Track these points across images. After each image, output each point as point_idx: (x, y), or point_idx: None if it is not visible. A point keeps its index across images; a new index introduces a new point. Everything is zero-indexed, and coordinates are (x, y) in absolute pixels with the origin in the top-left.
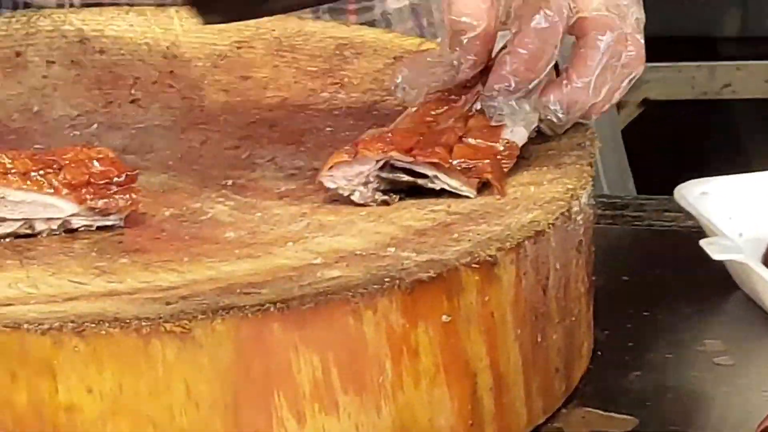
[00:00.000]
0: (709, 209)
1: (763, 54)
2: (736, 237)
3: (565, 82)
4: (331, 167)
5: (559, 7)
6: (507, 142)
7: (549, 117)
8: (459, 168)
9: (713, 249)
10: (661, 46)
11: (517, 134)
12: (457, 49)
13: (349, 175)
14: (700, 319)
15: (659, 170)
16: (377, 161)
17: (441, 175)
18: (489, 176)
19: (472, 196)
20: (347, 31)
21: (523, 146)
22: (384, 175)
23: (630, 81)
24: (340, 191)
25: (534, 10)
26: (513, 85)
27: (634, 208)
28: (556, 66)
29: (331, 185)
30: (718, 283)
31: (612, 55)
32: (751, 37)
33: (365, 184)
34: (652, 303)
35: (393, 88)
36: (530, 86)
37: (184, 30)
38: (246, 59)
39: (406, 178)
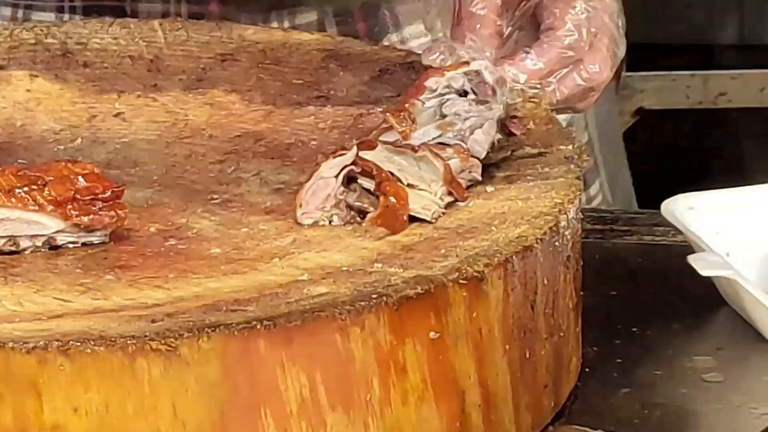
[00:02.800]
0: (696, 224)
1: (758, 62)
2: (724, 253)
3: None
4: (300, 204)
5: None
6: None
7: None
8: None
9: (701, 265)
10: (656, 54)
11: (478, 139)
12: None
13: (319, 203)
14: (689, 336)
15: (654, 180)
16: (337, 177)
17: None
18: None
19: (427, 218)
20: (333, 43)
21: (510, 160)
22: (349, 199)
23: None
24: (321, 223)
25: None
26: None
27: (623, 222)
28: None
29: (308, 221)
30: (707, 299)
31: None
32: (746, 46)
33: (337, 205)
34: (640, 319)
35: None
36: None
37: (168, 43)
38: (231, 72)
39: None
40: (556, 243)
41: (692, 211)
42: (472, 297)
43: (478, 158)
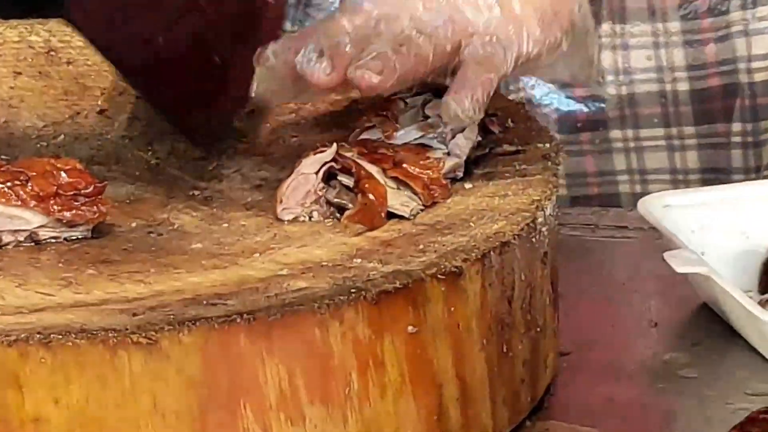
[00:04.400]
0: (673, 222)
1: None
2: (699, 250)
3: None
4: (281, 200)
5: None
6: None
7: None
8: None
9: (677, 262)
10: None
11: (460, 144)
12: None
13: (299, 199)
14: (664, 332)
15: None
16: (317, 174)
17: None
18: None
19: (406, 215)
20: None
21: (489, 157)
22: (328, 196)
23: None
24: (301, 218)
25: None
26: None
27: (601, 219)
28: None
29: (289, 216)
30: (683, 296)
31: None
32: None
33: (316, 201)
34: (617, 315)
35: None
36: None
37: None
38: None
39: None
40: (534, 239)
41: (668, 209)
42: (450, 292)
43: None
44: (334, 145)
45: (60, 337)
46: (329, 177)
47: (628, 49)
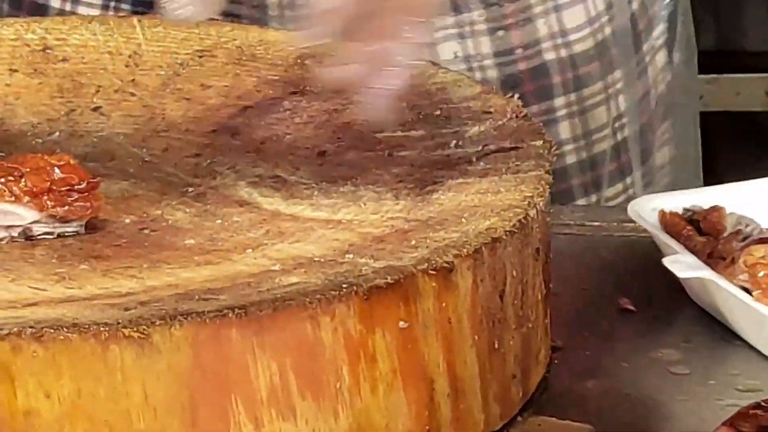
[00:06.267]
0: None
1: (734, 68)
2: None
3: None
4: None
5: None
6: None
7: None
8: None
9: (678, 267)
10: None
11: None
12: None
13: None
14: (656, 329)
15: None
16: None
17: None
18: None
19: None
20: None
21: (482, 153)
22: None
23: None
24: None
25: None
26: None
27: (592, 216)
28: None
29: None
30: (675, 293)
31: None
32: (723, 51)
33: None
34: (609, 312)
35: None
36: None
37: (146, 39)
38: (207, 68)
39: None
40: (525, 235)
41: (658, 213)
42: (442, 287)
43: None
44: None
45: (52, 330)
46: None
47: (434, 43)
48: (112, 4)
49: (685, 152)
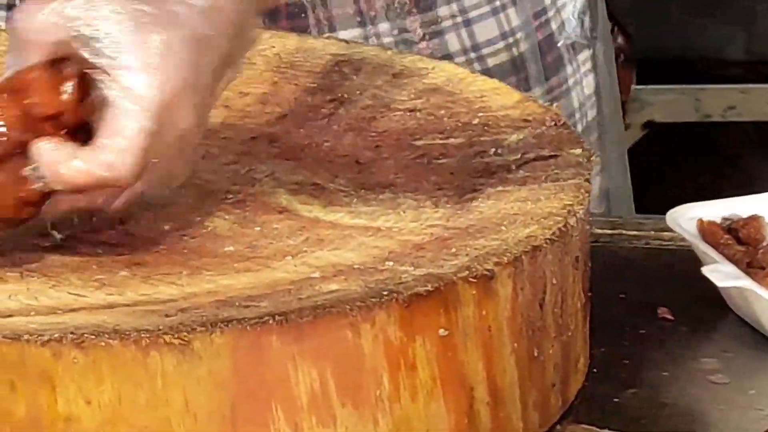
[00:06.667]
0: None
1: (766, 77)
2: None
3: None
4: None
5: None
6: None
7: None
8: None
9: (717, 276)
10: (666, 68)
11: None
12: None
13: None
14: (695, 338)
15: (662, 192)
16: None
17: None
18: None
19: None
20: (346, 47)
21: (522, 162)
22: None
23: None
24: None
25: None
26: None
27: (632, 226)
28: None
29: None
30: (714, 302)
31: None
32: (756, 61)
33: None
34: (648, 321)
35: None
36: None
37: None
38: (246, 75)
39: None
40: (565, 243)
41: (696, 222)
42: (482, 295)
43: None
44: None
45: (93, 337)
46: None
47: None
48: None
49: (616, 183)
